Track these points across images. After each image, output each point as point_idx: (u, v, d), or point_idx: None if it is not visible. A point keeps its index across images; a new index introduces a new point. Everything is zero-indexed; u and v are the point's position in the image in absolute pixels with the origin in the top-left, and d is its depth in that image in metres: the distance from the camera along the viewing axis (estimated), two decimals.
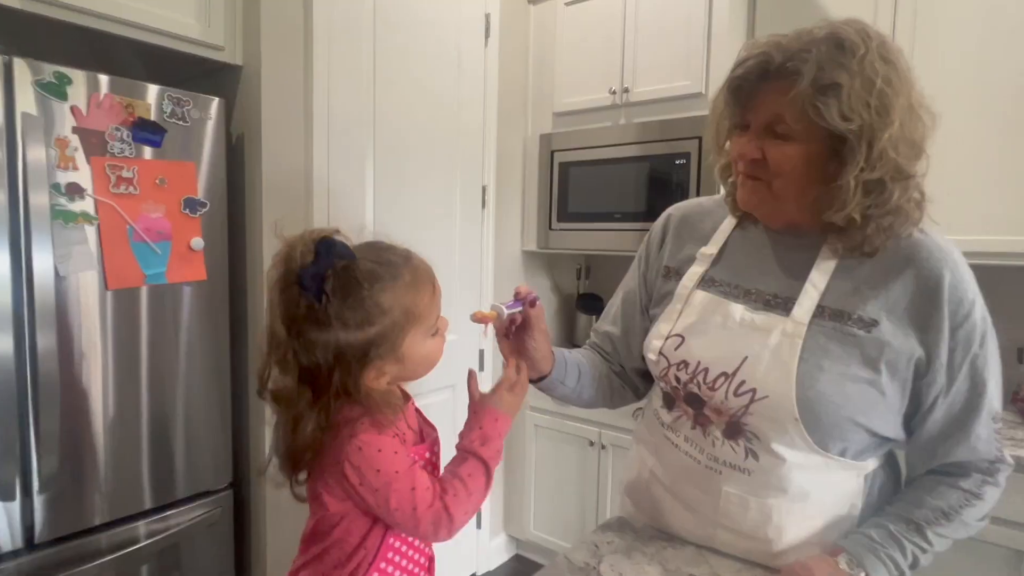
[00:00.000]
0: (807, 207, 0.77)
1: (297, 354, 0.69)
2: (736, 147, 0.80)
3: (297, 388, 0.70)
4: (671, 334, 0.87)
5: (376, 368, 0.72)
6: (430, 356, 0.78)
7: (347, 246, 0.71)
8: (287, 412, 0.71)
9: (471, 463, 0.77)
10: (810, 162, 0.74)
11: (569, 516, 2.20)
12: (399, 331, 0.72)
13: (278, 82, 1.55)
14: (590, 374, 0.97)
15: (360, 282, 0.69)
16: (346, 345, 0.69)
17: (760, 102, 0.75)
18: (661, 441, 0.91)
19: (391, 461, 0.70)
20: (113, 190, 1.28)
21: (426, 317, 0.75)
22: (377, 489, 0.70)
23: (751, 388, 0.78)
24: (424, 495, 0.71)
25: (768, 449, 0.78)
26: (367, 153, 1.77)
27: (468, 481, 0.75)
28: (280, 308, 0.69)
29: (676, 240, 0.95)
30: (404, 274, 0.73)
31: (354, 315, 0.69)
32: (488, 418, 0.79)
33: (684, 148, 1.96)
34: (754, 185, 0.79)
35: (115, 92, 1.28)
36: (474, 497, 0.75)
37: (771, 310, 0.81)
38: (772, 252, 0.85)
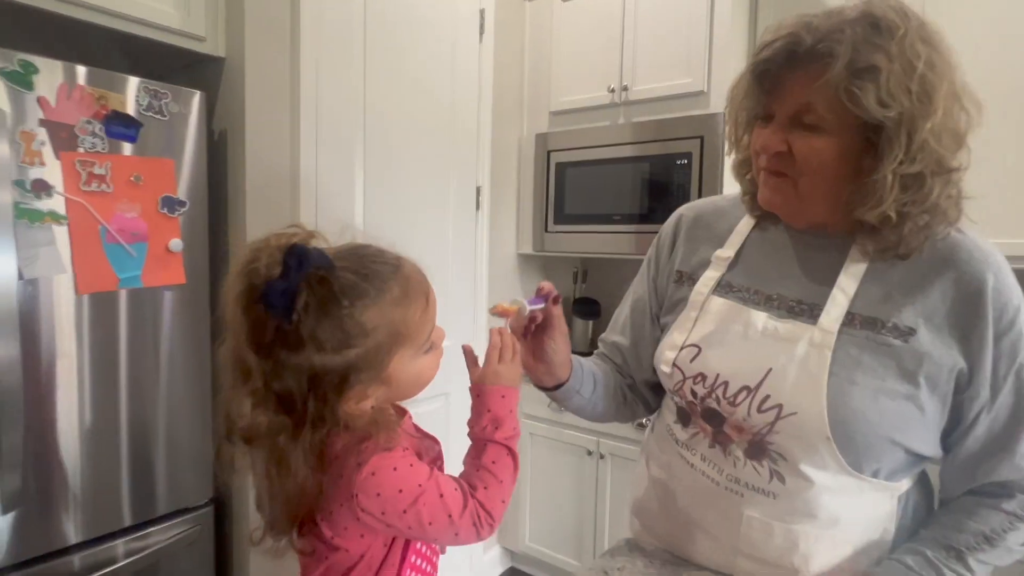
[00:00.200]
0: (836, 205, 0.71)
1: (268, 380, 0.60)
2: (758, 140, 0.73)
3: (273, 421, 0.61)
4: (686, 344, 0.81)
5: (357, 393, 0.63)
6: (422, 375, 0.70)
7: (323, 253, 0.61)
8: (268, 452, 0.62)
9: (492, 450, 0.71)
10: (842, 156, 0.68)
11: (566, 528, 2.13)
12: (384, 353, 0.64)
13: (263, 75, 1.48)
14: (603, 384, 0.91)
15: (338, 298, 0.60)
16: (321, 370, 0.60)
17: (787, 89, 0.69)
18: (675, 459, 0.85)
19: (411, 476, 0.64)
20: (84, 188, 1.20)
21: (417, 335, 0.67)
22: (405, 511, 0.63)
23: (777, 404, 0.71)
24: (454, 498, 0.65)
25: (795, 470, 0.72)
26: (357, 151, 1.69)
27: (495, 469, 0.69)
28: (245, 329, 0.59)
29: (689, 242, 0.89)
30: (392, 287, 0.64)
31: (331, 336, 0.59)
32: (493, 397, 0.73)
33: (685, 148, 1.90)
34: (778, 182, 0.73)
35: (87, 83, 1.20)
36: (505, 485, 0.70)
37: (796, 318, 0.74)
38: (794, 254, 0.78)
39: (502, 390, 0.73)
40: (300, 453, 0.61)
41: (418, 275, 0.69)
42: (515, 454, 0.72)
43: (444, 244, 2.00)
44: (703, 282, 0.83)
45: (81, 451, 1.27)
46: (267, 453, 0.62)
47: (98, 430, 1.30)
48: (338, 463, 0.63)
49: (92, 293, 1.24)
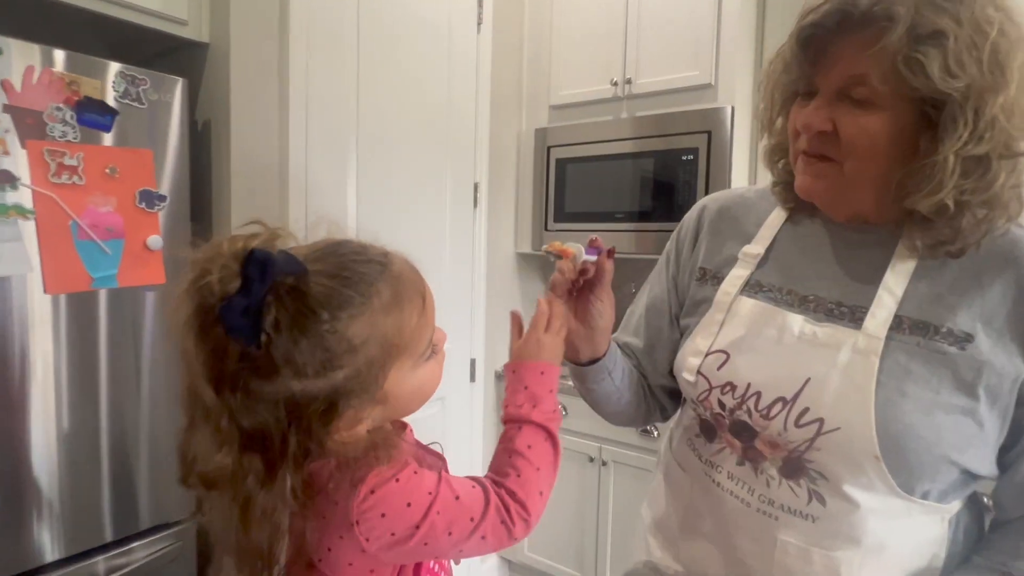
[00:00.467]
0: (886, 193, 0.63)
1: (235, 416, 0.50)
2: (799, 118, 0.65)
3: (240, 462, 0.51)
4: (712, 350, 0.73)
5: (348, 419, 0.54)
6: (424, 387, 0.61)
7: (292, 257, 0.50)
8: (231, 498, 0.52)
9: (528, 432, 0.63)
10: (896, 135, 0.60)
11: (567, 537, 2.05)
12: (378, 369, 0.54)
13: (249, 62, 1.39)
14: (630, 374, 0.83)
15: (316, 310, 0.50)
16: (303, 398, 0.50)
17: (836, 58, 0.61)
18: (698, 476, 0.77)
19: (417, 485, 0.55)
20: (53, 179, 1.11)
21: (414, 343, 0.58)
22: (418, 526, 0.54)
23: (817, 418, 0.64)
24: (473, 496, 0.57)
25: (838, 492, 0.64)
26: (349, 145, 1.61)
27: (531, 455, 0.61)
28: (201, 360, 0.49)
29: (713, 237, 0.81)
30: (381, 290, 0.54)
31: (311, 358, 0.49)
32: (531, 374, 0.65)
33: (692, 143, 1.83)
34: (820, 167, 0.65)
35: (57, 67, 1.11)
36: (543, 473, 0.61)
37: (836, 321, 0.67)
38: (832, 250, 0.71)
39: (541, 366, 0.66)
40: (276, 496, 0.51)
41: (411, 272, 0.59)
42: (555, 439, 0.64)
43: (440, 242, 1.92)
44: (730, 281, 0.76)
45: (58, 462, 1.18)
46: (230, 500, 0.51)
47: (76, 440, 1.21)
48: (328, 493, 0.54)
49: (66, 293, 1.15)
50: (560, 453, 0.65)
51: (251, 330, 0.47)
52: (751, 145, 1.87)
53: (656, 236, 1.93)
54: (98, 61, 1.17)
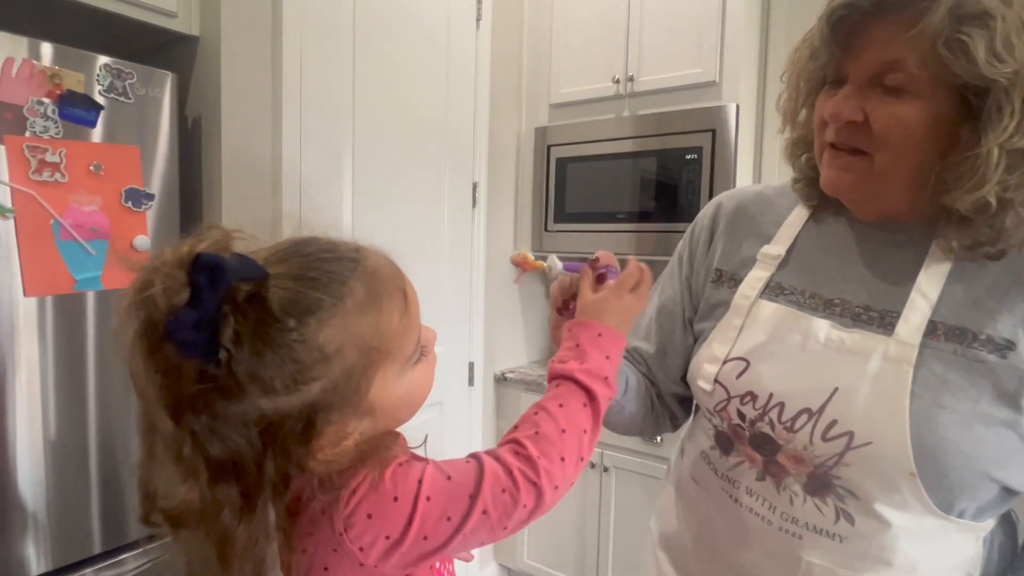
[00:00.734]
0: (921, 189, 0.59)
1: (200, 443, 0.44)
2: (826, 108, 0.61)
3: (212, 495, 0.45)
4: (731, 357, 0.69)
5: (330, 436, 0.48)
6: (415, 394, 0.55)
7: (249, 260, 0.44)
8: (205, 535, 0.46)
9: (564, 389, 0.56)
10: (933, 125, 0.56)
11: (567, 544, 2.01)
12: (359, 378, 0.48)
13: (241, 57, 1.34)
14: (635, 386, 0.78)
15: (279, 318, 0.44)
16: (276, 417, 0.44)
17: (869, 42, 0.57)
18: (714, 491, 0.73)
19: (403, 476, 0.49)
20: (34, 177, 1.06)
21: (399, 345, 0.51)
22: (411, 520, 0.47)
23: (846, 431, 0.59)
24: (466, 470, 0.50)
25: (868, 510, 0.60)
26: (345, 142, 1.56)
27: (559, 413, 0.53)
28: (154, 383, 0.43)
29: (730, 236, 0.77)
30: (354, 289, 0.48)
31: (280, 372, 0.43)
32: (587, 333, 0.59)
33: (695, 142, 1.79)
34: (849, 160, 0.61)
35: (37, 58, 1.06)
36: (570, 436, 0.53)
37: (864, 327, 0.63)
38: (859, 251, 0.67)
39: (600, 328, 0.59)
40: (256, 528, 0.46)
41: (388, 267, 0.53)
42: (597, 405, 0.56)
43: (439, 243, 1.87)
44: (748, 283, 0.71)
45: (45, 471, 1.13)
46: (203, 537, 0.45)
47: (63, 448, 1.16)
48: (312, 508, 0.49)
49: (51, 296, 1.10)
50: (600, 425, 0.56)
51: (207, 346, 0.41)
52: (755, 144, 1.83)
53: (658, 237, 1.89)
54: (82, 54, 1.12)
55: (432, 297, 1.83)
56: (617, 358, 0.60)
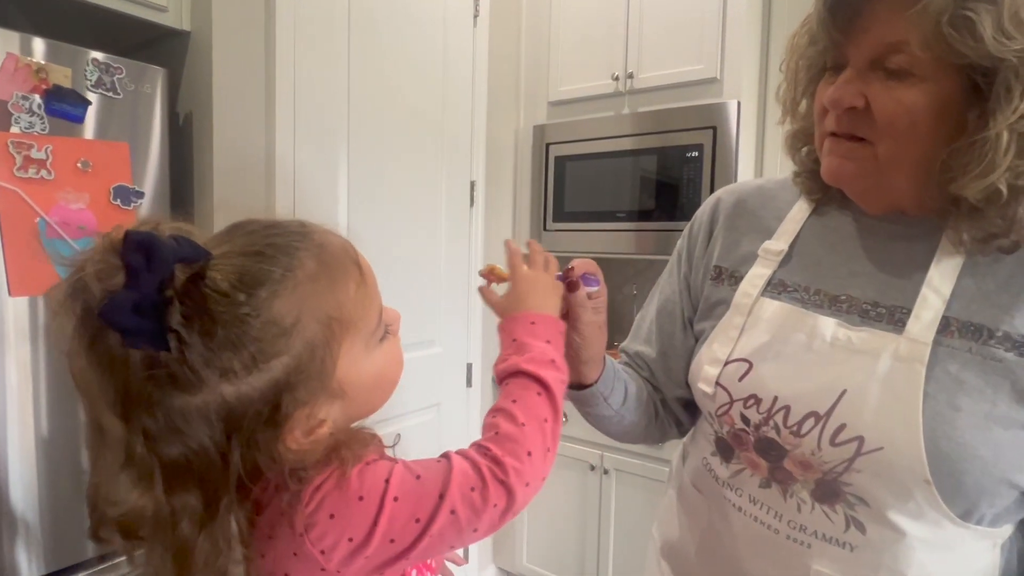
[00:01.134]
0: (927, 178, 0.56)
1: (154, 444, 0.41)
2: (826, 94, 0.58)
3: (168, 504, 0.42)
4: (732, 358, 0.66)
5: (302, 422, 0.45)
6: (384, 373, 0.53)
7: (187, 240, 0.41)
8: (162, 548, 0.42)
9: (514, 385, 0.54)
10: (939, 110, 0.53)
11: (567, 547, 1.98)
12: (323, 352, 0.45)
13: (233, 53, 1.32)
14: (635, 396, 0.76)
15: (229, 294, 0.41)
16: (238, 404, 0.42)
17: (870, 23, 0.54)
18: (717, 499, 0.70)
19: (370, 475, 0.46)
20: (19, 174, 1.03)
21: (361, 318, 0.49)
22: (376, 521, 0.44)
23: (856, 436, 0.57)
24: (435, 469, 0.48)
25: (880, 518, 0.57)
26: (340, 140, 1.54)
27: (515, 409, 0.51)
28: (98, 380, 0.40)
29: (729, 232, 0.74)
30: (304, 260, 0.45)
31: (238, 352, 0.41)
32: (519, 325, 0.57)
33: (696, 139, 1.77)
34: (851, 148, 0.58)
35: (23, 53, 1.04)
36: (529, 430, 0.50)
37: (873, 324, 0.60)
38: (865, 245, 0.64)
39: (531, 316, 0.57)
40: (219, 536, 0.43)
41: (337, 240, 0.50)
42: (551, 391, 0.54)
43: (436, 242, 1.85)
44: (750, 281, 0.69)
45: (37, 475, 1.11)
46: (160, 547, 0.42)
47: (55, 451, 1.13)
48: (272, 509, 0.46)
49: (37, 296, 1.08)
50: (560, 410, 0.55)
51: (153, 333, 0.38)
52: (757, 141, 1.81)
53: (658, 236, 1.87)
54: (69, 48, 1.09)
55: (430, 298, 1.81)
56: (558, 339, 0.59)
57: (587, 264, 0.66)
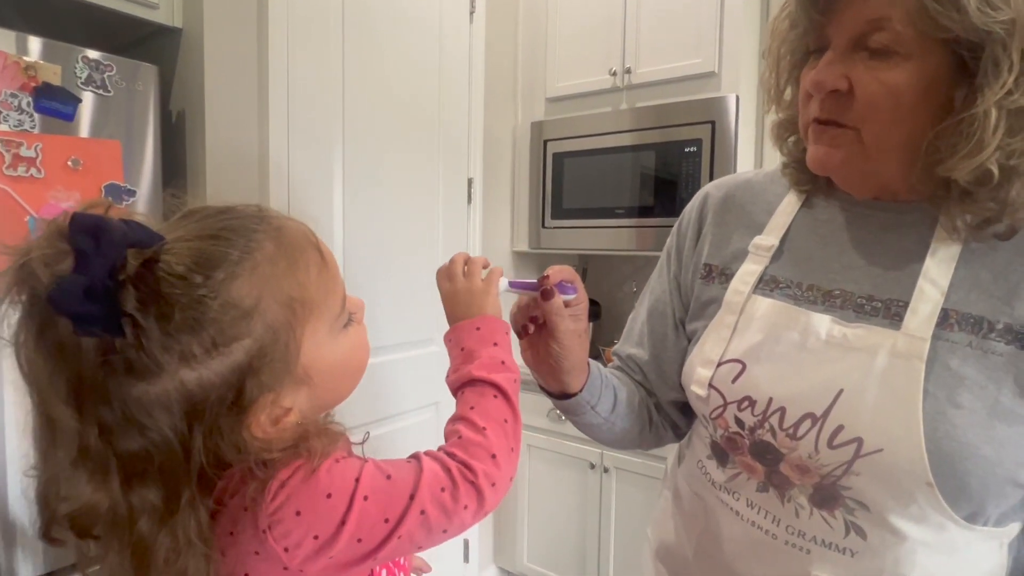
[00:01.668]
0: (915, 160, 0.54)
1: (110, 437, 0.40)
2: (808, 78, 0.56)
3: (126, 501, 0.40)
4: (725, 359, 0.64)
5: (267, 408, 0.44)
6: (351, 360, 0.52)
7: (139, 225, 0.40)
8: (119, 544, 0.41)
9: (468, 394, 0.54)
10: (924, 88, 0.51)
11: (567, 546, 1.97)
12: (286, 335, 0.44)
13: (225, 49, 1.31)
14: (626, 401, 0.74)
15: (185, 276, 0.40)
16: (200, 390, 0.40)
17: (849, 0, 0.52)
18: (713, 503, 0.68)
19: (340, 472, 0.45)
20: (8, 172, 1.02)
21: (324, 302, 0.48)
22: (344, 520, 0.43)
23: (854, 437, 0.55)
24: (406, 469, 0.47)
25: (882, 522, 0.56)
26: (335, 137, 1.53)
27: (473, 415, 0.51)
28: (48, 371, 0.39)
29: (719, 228, 0.72)
30: (261, 242, 0.44)
31: (197, 336, 0.39)
32: (464, 333, 0.57)
33: (695, 134, 1.75)
34: (835, 135, 0.56)
35: (11, 50, 1.03)
36: (490, 433, 0.50)
37: (869, 320, 0.58)
38: (857, 236, 0.62)
39: (475, 321, 0.57)
40: (180, 532, 0.41)
41: (296, 225, 0.49)
42: (506, 393, 0.54)
43: (433, 241, 1.84)
44: (740, 278, 0.67)
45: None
46: (117, 546, 0.41)
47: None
48: (234, 505, 0.44)
49: None
50: (518, 409, 0.54)
51: (106, 317, 0.37)
52: (757, 135, 1.79)
53: (658, 232, 1.85)
54: (59, 45, 1.09)
55: (427, 296, 1.79)
56: (504, 338, 0.58)
57: (563, 271, 0.64)
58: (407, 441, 1.70)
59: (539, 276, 0.64)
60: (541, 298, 0.62)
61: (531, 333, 0.67)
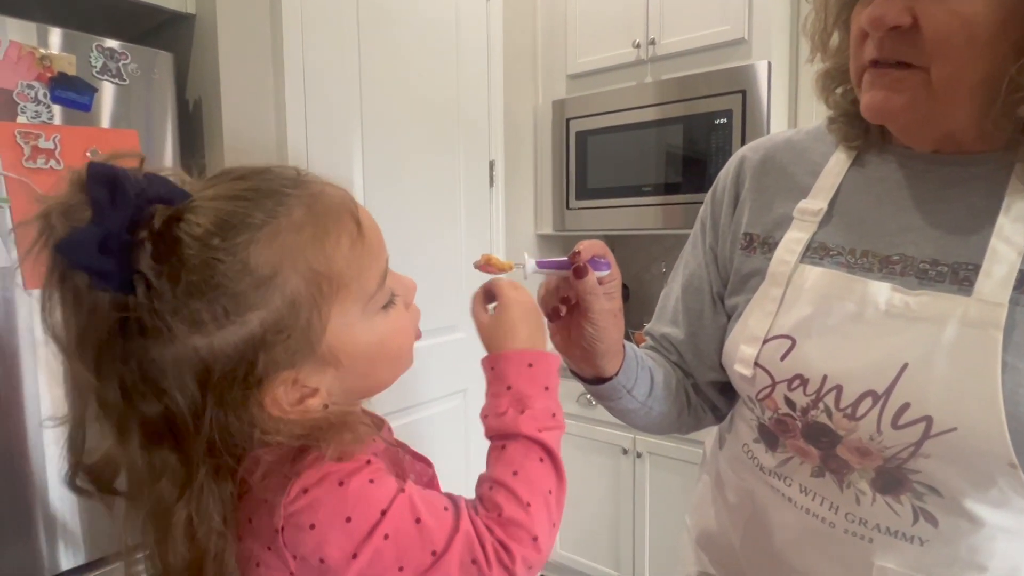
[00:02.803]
0: (988, 104, 0.48)
1: (129, 396, 0.38)
2: (864, 15, 0.50)
3: (143, 456, 0.39)
4: (772, 335, 0.59)
5: (288, 387, 0.41)
6: (388, 344, 0.47)
7: (163, 180, 0.38)
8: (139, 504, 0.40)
9: (513, 451, 0.48)
10: (1005, 19, 0.45)
11: (601, 534, 1.94)
12: (308, 312, 0.40)
13: (239, 35, 1.28)
14: (663, 384, 0.69)
15: (203, 238, 0.37)
16: (211, 359, 0.38)
17: None
18: (760, 489, 0.64)
19: (369, 495, 0.41)
20: (27, 164, 1.02)
21: (357, 279, 0.44)
22: (357, 554, 0.40)
23: (923, 416, 0.49)
24: (440, 519, 0.43)
25: (956, 508, 0.50)
26: (353, 122, 1.50)
27: (517, 484, 0.45)
28: (69, 324, 0.37)
29: (758, 194, 0.66)
30: (291, 208, 0.41)
31: (208, 304, 0.37)
32: (514, 367, 0.50)
33: (724, 105, 1.68)
34: (898, 78, 0.50)
35: (24, 40, 1.02)
36: (536, 508, 0.45)
37: (934, 286, 0.52)
38: (917, 194, 0.56)
39: (528, 356, 0.50)
40: (199, 507, 0.39)
41: (337, 193, 0.45)
42: (555, 456, 0.48)
43: (455, 225, 1.80)
44: (785, 247, 0.61)
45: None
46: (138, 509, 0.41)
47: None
48: (260, 489, 0.42)
49: None
50: (563, 472, 0.49)
51: (119, 273, 0.35)
52: (790, 103, 1.71)
53: (686, 209, 1.79)
54: (73, 34, 1.07)
55: (451, 282, 1.76)
56: (556, 380, 0.51)
57: (594, 246, 0.59)
58: (434, 430, 1.68)
59: (568, 254, 0.59)
60: (574, 276, 0.57)
61: (563, 316, 0.62)
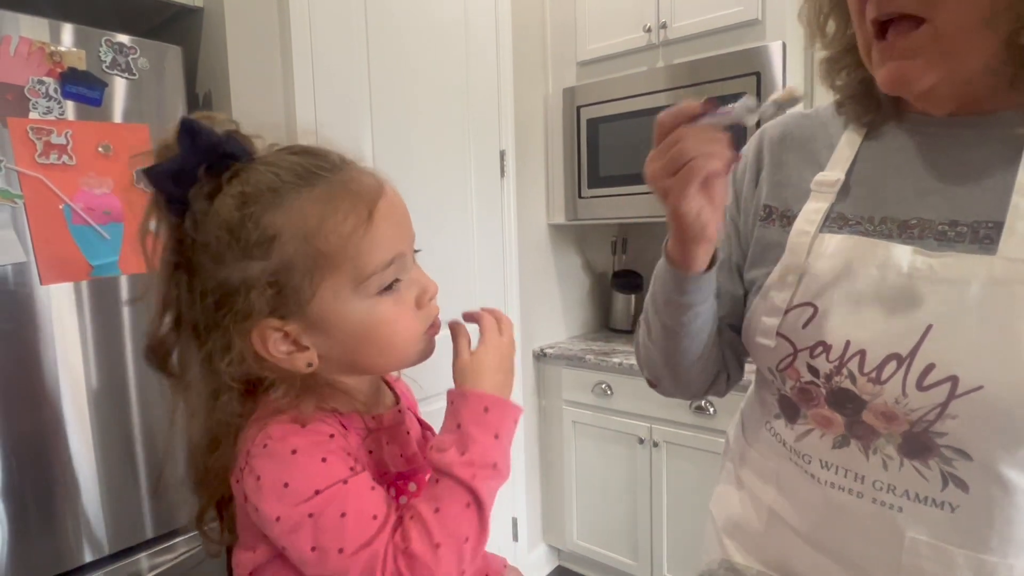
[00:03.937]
0: (1002, 57, 0.47)
1: (182, 295, 0.49)
2: None
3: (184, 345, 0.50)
4: (793, 304, 0.58)
5: (271, 328, 0.48)
6: (378, 328, 0.50)
7: (236, 139, 0.48)
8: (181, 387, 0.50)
9: (442, 489, 0.47)
10: None
11: (618, 523, 1.93)
12: (299, 278, 0.47)
13: (246, 27, 1.28)
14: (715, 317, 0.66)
15: (241, 192, 0.46)
16: (217, 287, 0.47)
17: None
18: (784, 467, 0.62)
19: (311, 470, 0.45)
20: (40, 160, 1.02)
21: (353, 259, 0.48)
22: (278, 518, 0.44)
23: (948, 376, 0.48)
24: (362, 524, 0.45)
25: (986, 473, 0.49)
26: (363, 112, 1.49)
27: (434, 522, 0.45)
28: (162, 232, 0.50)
29: (776, 168, 0.65)
30: (314, 186, 0.48)
31: (229, 243, 0.46)
32: (470, 410, 0.49)
33: (738, 88, 1.64)
34: (907, 45, 0.49)
35: (35, 36, 1.02)
36: (445, 551, 0.45)
37: (955, 247, 0.51)
38: (932, 159, 0.55)
39: (487, 400, 0.50)
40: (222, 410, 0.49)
41: (368, 184, 0.50)
42: (482, 504, 0.47)
43: (466, 217, 1.79)
44: (805, 218, 0.60)
45: (95, 460, 1.14)
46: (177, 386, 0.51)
47: (110, 436, 1.15)
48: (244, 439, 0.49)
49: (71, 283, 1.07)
50: (487, 524, 0.48)
51: (178, 202, 0.47)
52: (807, 84, 1.67)
53: None
54: (82, 29, 1.08)
55: (462, 274, 1.76)
56: (509, 432, 0.51)
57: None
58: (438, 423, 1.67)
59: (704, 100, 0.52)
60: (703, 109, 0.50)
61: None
